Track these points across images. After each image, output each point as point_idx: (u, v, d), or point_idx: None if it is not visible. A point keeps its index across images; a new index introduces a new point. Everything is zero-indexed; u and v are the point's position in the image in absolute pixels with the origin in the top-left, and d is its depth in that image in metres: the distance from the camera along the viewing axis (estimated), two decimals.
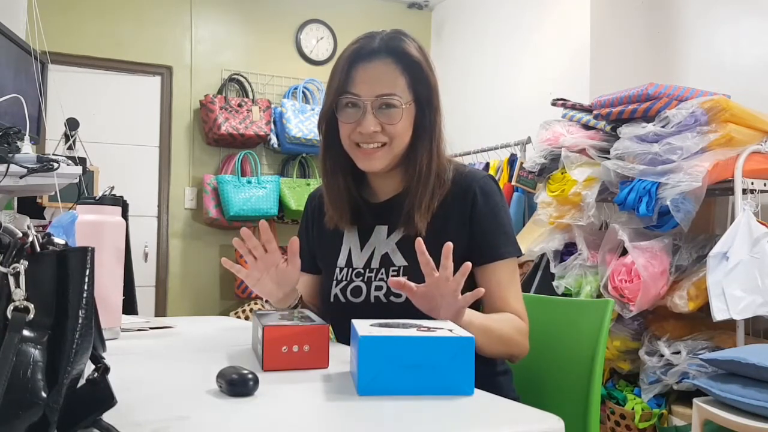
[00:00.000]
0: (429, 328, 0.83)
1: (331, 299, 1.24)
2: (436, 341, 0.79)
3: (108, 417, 0.59)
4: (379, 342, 0.78)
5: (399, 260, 1.20)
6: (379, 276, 1.20)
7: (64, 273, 0.58)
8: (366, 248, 1.24)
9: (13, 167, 2.06)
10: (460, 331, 0.82)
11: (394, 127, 1.16)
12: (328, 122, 1.23)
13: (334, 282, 1.25)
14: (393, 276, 1.18)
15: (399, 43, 1.18)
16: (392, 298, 1.17)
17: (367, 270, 1.22)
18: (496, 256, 1.18)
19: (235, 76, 4.14)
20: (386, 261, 1.21)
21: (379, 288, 1.20)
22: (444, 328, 0.84)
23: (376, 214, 1.26)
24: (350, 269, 1.24)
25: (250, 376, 0.77)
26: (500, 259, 1.18)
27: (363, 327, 0.83)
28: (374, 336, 0.78)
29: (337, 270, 1.25)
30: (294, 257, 1.14)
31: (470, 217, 1.19)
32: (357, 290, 1.21)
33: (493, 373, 1.21)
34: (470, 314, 1.05)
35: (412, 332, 0.80)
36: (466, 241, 1.18)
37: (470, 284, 1.19)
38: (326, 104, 1.21)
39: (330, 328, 0.99)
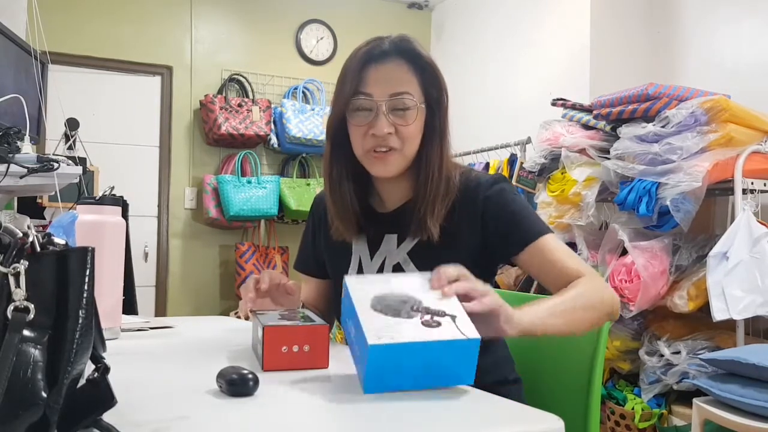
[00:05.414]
0: (432, 316, 0.81)
1: None
2: (445, 345, 0.78)
3: (108, 417, 0.59)
4: (389, 350, 0.77)
5: (412, 271, 1.15)
6: None
7: (64, 273, 0.58)
8: (376, 258, 1.21)
9: (13, 167, 2.06)
10: (464, 325, 0.80)
11: (408, 128, 1.13)
12: (337, 128, 1.19)
13: None
14: None
15: (409, 45, 1.16)
16: None
17: None
18: (529, 239, 1.12)
19: (235, 76, 4.14)
20: (398, 272, 1.17)
21: None
22: (448, 315, 0.81)
23: (385, 222, 1.22)
24: None
25: (250, 376, 0.77)
26: (532, 241, 1.12)
27: (367, 319, 0.80)
28: (384, 345, 0.76)
29: None
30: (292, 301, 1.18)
31: (482, 218, 1.15)
32: None
33: (504, 382, 1.19)
34: (525, 313, 0.93)
35: (419, 329, 0.79)
36: (479, 246, 1.16)
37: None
38: (337, 108, 1.17)
39: (329, 328, 0.98)
